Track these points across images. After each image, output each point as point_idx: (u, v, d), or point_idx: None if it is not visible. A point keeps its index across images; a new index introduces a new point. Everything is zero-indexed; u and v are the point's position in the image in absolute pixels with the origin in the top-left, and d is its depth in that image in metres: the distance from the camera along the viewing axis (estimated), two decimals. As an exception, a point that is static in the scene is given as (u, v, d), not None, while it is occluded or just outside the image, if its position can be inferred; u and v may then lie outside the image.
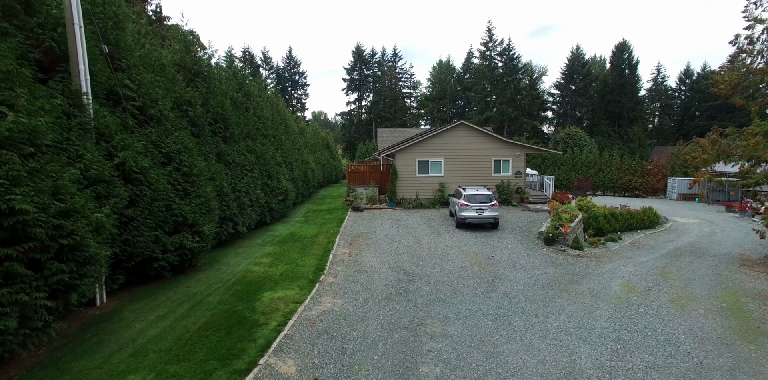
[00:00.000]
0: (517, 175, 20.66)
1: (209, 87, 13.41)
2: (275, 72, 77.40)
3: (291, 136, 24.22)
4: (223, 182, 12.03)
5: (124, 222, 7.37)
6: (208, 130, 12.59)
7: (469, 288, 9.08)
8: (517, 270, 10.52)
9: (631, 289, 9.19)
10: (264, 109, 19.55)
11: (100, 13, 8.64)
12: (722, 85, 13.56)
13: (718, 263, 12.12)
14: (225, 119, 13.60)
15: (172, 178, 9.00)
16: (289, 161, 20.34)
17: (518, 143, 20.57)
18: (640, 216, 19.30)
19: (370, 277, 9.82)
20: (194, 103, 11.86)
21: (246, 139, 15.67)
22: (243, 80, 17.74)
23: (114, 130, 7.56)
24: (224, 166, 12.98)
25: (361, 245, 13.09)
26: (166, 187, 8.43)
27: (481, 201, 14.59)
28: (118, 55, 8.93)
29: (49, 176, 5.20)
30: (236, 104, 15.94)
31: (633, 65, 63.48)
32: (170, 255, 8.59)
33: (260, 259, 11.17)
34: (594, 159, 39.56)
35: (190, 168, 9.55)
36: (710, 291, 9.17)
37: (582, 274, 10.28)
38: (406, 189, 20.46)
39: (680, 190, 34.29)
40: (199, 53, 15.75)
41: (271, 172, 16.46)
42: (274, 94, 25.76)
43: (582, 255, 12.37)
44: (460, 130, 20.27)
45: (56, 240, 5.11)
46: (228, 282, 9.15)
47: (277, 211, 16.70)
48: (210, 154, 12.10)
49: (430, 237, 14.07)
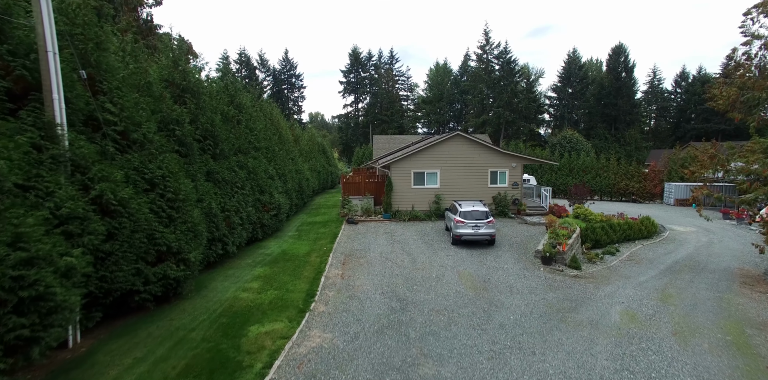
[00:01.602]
0: (513, 187, 20.39)
1: (198, 103, 13.04)
2: (271, 74, 77.03)
3: (285, 145, 23.85)
4: (211, 203, 11.67)
5: (100, 258, 7.00)
6: (197, 148, 12.22)
7: (464, 319, 8.77)
8: (513, 295, 10.22)
9: (632, 318, 8.91)
10: (257, 120, 19.19)
11: (80, 35, 8.28)
12: (720, 100, 13.36)
13: (718, 281, 11.88)
14: (215, 136, 13.24)
15: (155, 205, 8.64)
16: (282, 173, 19.99)
17: (515, 154, 20.30)
18: (637, 227, 19.09)
19: (362, 305, 9.49)
20: (182, 122, 11.50)
21: (237, 154, 15.31)
22: (235, 92, 17.37)
23: (91, 160, 7.19)
24: (213, 184, 12.62)
25: (354, 265, 12.76)
26: (148, 216, 8.07)
27: (477, 218, 14.29)
28: (100, 78, 8.56)
29: (9, 223, 4.85)
30: (227, 118, 15.57)
31: (629, 68, 63.53)
32: (153, 287, 8.23)
33: (249, 284, 10.82)
34: (591, 163, 39.40)
35: (176, 193, 9.19)
36: (713, 320, 8.89)
37: (581, 300, 9.98)
38: (401, 201, 20.15)
39: (677, 196, 34.17)
40: (190, 64, 15.39)
41: (263, 186, 16.10)
42: (268, 102, 25.36)
43: (580, 275, 12.09)
44: (456, 141, 19.99)
45: (15, 292, 4.76)
46: (214, 313, 8.79)
47: (269, 227, 16.34)
48: (198, 174, 11.73)
49: (426, 255, 13.76)
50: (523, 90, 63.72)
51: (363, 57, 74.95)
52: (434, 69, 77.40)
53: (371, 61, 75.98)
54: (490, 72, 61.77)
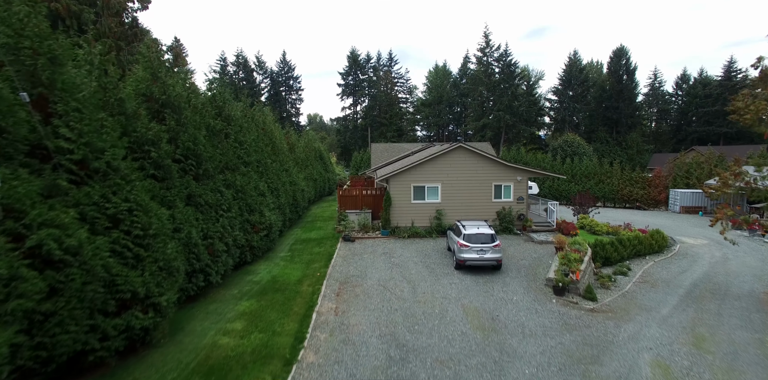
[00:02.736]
0: (519, 201, 19.33)
1: (180, 118, 11.92)
2: (269, 76, 75.86)
3: (279, 156, 22.71)
4: (191, 231, 10.55)
5: (38, 321, 5.87)
6: (176, 169, 11.11)
7: (473, 373, 7.68)
8: (526, 338, 9.14)
9: (666, 372, 7.84)
10: (248, 131, 18.07)
11: (27, 49, 7.16)
12: (747, 114, 12.34)
13: (748, 312, 10.93)
14: (197, 154, 12.11)
15: (119, 245, 7.52)
16: (275, 187, 18.86)
17: (520, 167, 19.25)
18: (648, 242, 18.15)
19: (357, 353, 8.40)
20: (159, 142, 10.39)
21: (224, 171, 14.18)
22: (223, 103, 16.23)
23: (30, 201, 6.05)
24: (195, 208, 11.50)
25: (349, 296, 11.67)
26: (108, 261, 6.95)
27: (482, 242, 13.20)
28: (54, 98, 7.44)
29: None
30: (214, 132, 14.45)
31: (631, 71, 62.60)
32: (113, 342, 7.11)
33: (232, 324, 9.70)
34: (594, 169, 38.41)
35: (145, 228, 8.08)
36: (764, 377, 7.81)
37: (602, 345, 8.91)
38: (400, 216, 19.06)
39: (683, 203, 33.17)
40: (179, 70, 14.25)
41: (252, 205, 14.98)
42: (261, 110, 24.17)
43: (597, 309, 11.02)
44: (458, 154, 18.92)
45: None
46: (187, 369, 7.68)
47: (259, 248, 15.22)
48: (177, 199, 10.62)
49: (427, 282, 12.68)
50: (524, 93, 62.78)
51: (361, 59, 73.85)
52: (433, 71, 76.36)
53: (370, 63, 74.90)
54: (490, 75, 60.77)
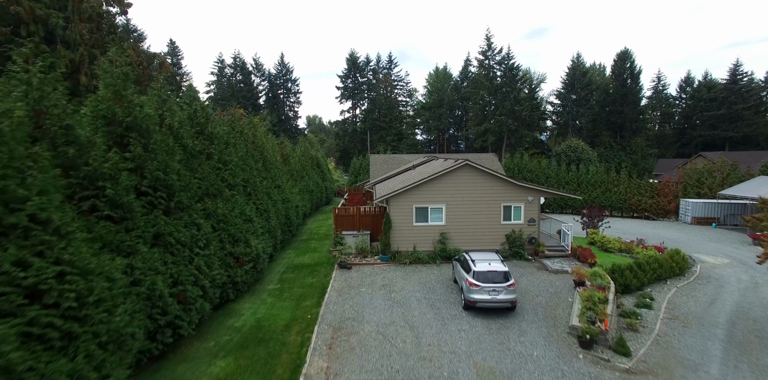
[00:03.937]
0: (530, 223, 17.77)
1: (148, 144, 10.32)
2: (267, 79, 74.41)
3: (271, 171, 21.12)
4: (156, 281, 8.94)
5: None
6: (141, 205, 9.51)
7: None
8: (556, 418, 7.58)
9: None
10: (235, 148, 16.49)
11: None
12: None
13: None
14: (169, 185, 10.50)
15: (38, 326, 5.88)
16: (265, 209, 17.28)
17: (531, 187, 17.69)
18: (668, 264, 16.81)
19: (351, 445, 6.83)
20: (116, 176, 8.79)
21: (203, 199, 12.61)
22: (205, 120, 14.63)
23: None
24: (164, 249, 9.89)
25: (343, 349, 10.08)
26: (12, 357, 5.33)
27: (495, 282, 11.61)
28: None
29: None
30: (193, 154, 12.88)
31: (635, 74, 61.12)
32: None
33: (202, 397, 8.12)
34: (600, 177, 36.95)
35: (83, 296, 6.49)
36: None
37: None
38: (401, 240, 17.48)
39: (695, 213, 31.67)
40: (154, 84, 12.67)
41: (236, 235, 13.39)
42: (251, 123, 22.54)
43: (634, 369, 9.44)
44: (464, 172, 17.36)
45: None
46: None
47: (244, 283, 13.63)
48: (139, 242, 9.02)
49: (433, 329, 11.10)
50: (526, 97, 61.28)
51: (361, 61, 72.38)
52: (434, 74, 74.87)
53: (369, 66, 73.44)
54: (491, 78, 59.29)
